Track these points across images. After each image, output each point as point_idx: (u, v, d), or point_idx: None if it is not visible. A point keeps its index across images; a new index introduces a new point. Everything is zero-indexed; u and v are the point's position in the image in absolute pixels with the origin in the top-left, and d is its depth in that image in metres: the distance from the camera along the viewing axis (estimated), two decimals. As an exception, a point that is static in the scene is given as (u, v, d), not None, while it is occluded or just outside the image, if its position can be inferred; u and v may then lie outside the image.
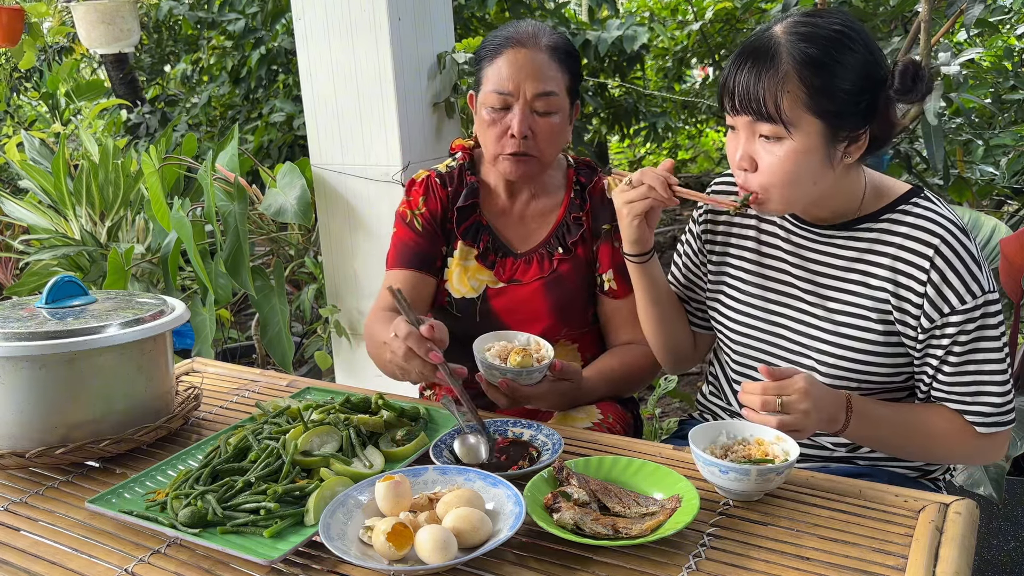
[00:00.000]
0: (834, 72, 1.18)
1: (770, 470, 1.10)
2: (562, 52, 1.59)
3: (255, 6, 4.47)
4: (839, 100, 1.19)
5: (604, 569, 1.01)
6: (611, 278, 1.66)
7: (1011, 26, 3.68)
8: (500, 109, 1.57)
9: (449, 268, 1.69)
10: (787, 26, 1.22)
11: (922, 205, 1.27)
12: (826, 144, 1.21)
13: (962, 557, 0.99)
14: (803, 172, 1.22)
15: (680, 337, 1.55)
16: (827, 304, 1.32)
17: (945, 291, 1.23)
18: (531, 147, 1.57)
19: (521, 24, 1.61)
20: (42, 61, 5.96)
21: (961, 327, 1.23)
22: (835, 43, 1.19)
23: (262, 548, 1.05)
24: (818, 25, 1.20)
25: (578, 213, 1.67)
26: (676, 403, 3.48)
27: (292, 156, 4.43)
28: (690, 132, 6.57)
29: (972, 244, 1.24)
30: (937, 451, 1.31)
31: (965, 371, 1.26)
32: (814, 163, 1.22)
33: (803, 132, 1.20)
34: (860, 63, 1.20)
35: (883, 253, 1.28)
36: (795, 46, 1.19)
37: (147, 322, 1.37)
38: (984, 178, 2.91)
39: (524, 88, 1.55)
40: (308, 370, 3.53)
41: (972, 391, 1.26)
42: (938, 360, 1.27)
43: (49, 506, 1.22)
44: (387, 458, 1.26)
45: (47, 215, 3.06)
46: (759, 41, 1.22)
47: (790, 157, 1.21)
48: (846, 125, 1.21)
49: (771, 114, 1.19)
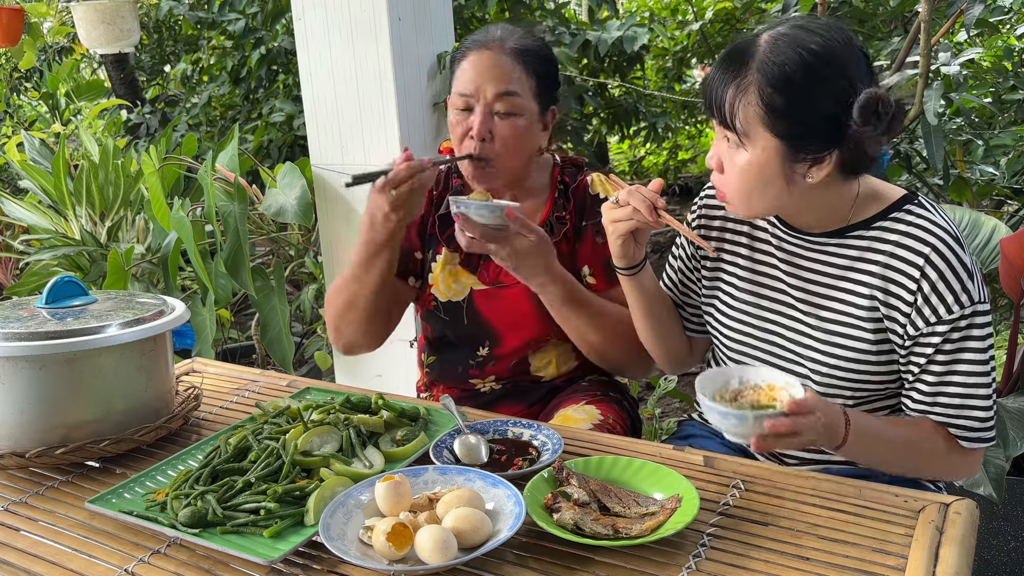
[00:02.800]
0: (796, 96, 1.15)
1: (768, 415, 1.09)
2: (529, 55, 1.57)
3: (255, 6, 4.47)
4: (797, 124, 1.16)
5: (604, 569, 1.01)
6: (589, 273, 1.66)
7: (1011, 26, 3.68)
8: (463, 111, 1.57)
9: (434, 272, 1.69)
10: (771, 36, 1.19)
11: (915, 212, 1.25)
12: (783, 162, 1.19)
13: (962, 557, 0.99)
14: (758, 185, 1.21)
15: (675, 342, 1.54)
16: (820, 312, 1.31)
17: (933, 300, 1.21)
18: (490, 149, 1.56)
19: (493, 27, 1.61)
20: (42, 61, 5.97)
21: (946, 336, 1.22)
22: (808, 66, 1.15)
23: (262, 548, 1.05)
24: (799, 42, 1.16)
25: (561, 212, 1.66)
26: (676, 403, 3.48)
27: (292, 156, 4.43)
28: (690, 132, 6.58)
29: (964, 253, 1.22)
30: (922, 466, 1.29)
31: (948, 381, 1.24)
32: (769, 178, 1.20)
33: (758, 147, 1.18)
34: (830, 91, 1.15)
35: (874, 261, 1.26)
36: (767, 60, 1.16)
37: (147, 322, 1.37)
38: (984, 178, 2.91)
39: (484, 89, 1.54)
40: (308, 370, 3.53)
41: (956, 403, 1.24)
42: (919, 368, 1.25)
43: (49, 506, 1.22)
44: (387, 458, 1.26)
45: (47, 215, 3.06)
46: (740, 46, 1.20)
47: (745, 168, 1.21)
48: (806, 147, 1.18)
49: (730, 123, 1.19)
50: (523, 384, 1.71)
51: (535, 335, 1.64)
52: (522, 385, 1.71)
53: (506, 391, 1.71)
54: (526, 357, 1.68)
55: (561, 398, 1.69)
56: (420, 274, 1.72)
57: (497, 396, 1.71)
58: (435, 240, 1.70)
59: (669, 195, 6.82)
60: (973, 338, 1.22)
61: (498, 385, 1.71)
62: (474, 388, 1.72)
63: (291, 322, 2.85)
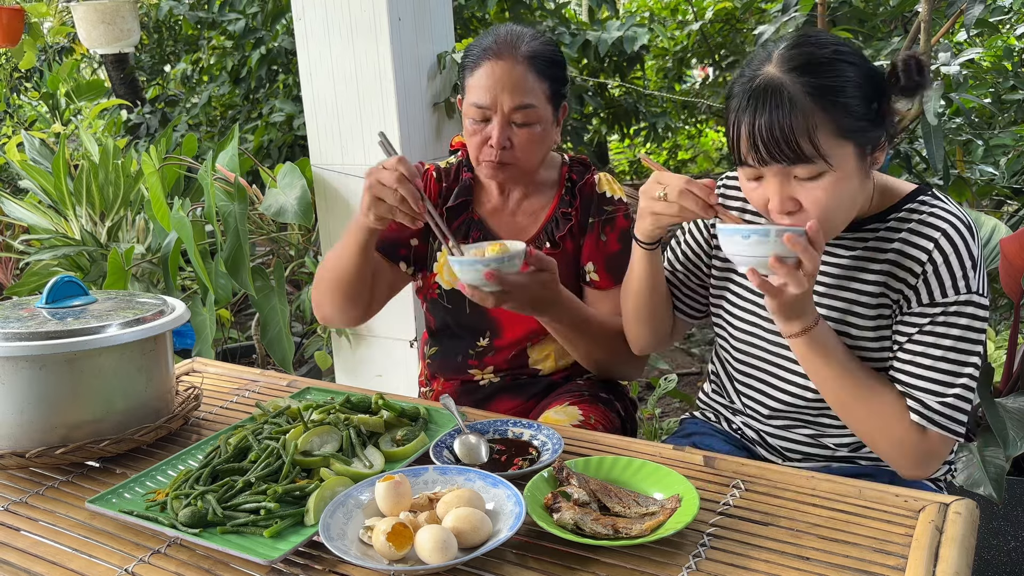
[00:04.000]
0: (848, 92, 1.17)
1: (787, 230, 1.13)
2: (542, 60, 1.58)
3: (255, 6, 4.47)
4: (860, 116, 1.18)
5: (604, 569, 1.01)
6: (593, 270, 1.67)
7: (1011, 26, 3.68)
8: (480, 121, 1.58)
9: (439, 261, 1.71)
10: (780, 62, 1.19)
11: (928, 203, 1.27)
12: (860, 162, 1.20)
13: (962, 557, 0.99)
14: (847, 197, 1.21)
15: (663, 322, 1.53)
16: (834, 303, 1.32)
17: (932, 282, 1.23)
18: (510, 156, 1.58)
19: (501, 31, 1.60)
20: (42, 61, 5.97)
21: (933, 318, 1.23)
22: (836, 63, 1.18)
23: (262, 548, 1.05)
24: (812, 53, 1.19)
25: (567, 208, 1.68)
26: (676, 403, 3.48)
27: (292, 156, 4.44)
28: (690, 132, 6.58)
29: (974, 243, 1.24)
30: (873, 422, 1.27)
31: (921, 362, 1.24)
32: (854, 184, 1.21)
33: (840, 159, 1.18)
34: (863, 74, 1.19)
35: (887, 249, 1.28)
36: (803, 80, 1.16)
37: (147, 322, 1.37)
38: (984, 178, 2.91)
39: (501, 102, 1.55)
40: (308, 370, 3.53)
41: (923, 384, 1.24)
42: (901, 342, 1.26)
43: (49, 506, 1.22)
44: (387, 458, 1.26)
45: (47, 215, 3.06)
46: (762, 86, 1.18)
47: (835, 187, 1.19)
48: (871, 138, 1.21)
49: (808, 154, 1.16)
50: (521, 378, 1.73)
51: (534, 326, 1.66)
52: (520, 379, 1.73)
53: (504, 384, 1.73)
54: (525, 349, 1.71)
55: (551, 398, 1.71)
56: (413, 261, 1.72)
57: (495, 390, 1.73)
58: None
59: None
60: (959, 326, 1.22)
61: (496, 378, 1.73)
62: (473, 380, 1.74)
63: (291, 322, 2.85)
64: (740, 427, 1.51)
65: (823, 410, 1.38)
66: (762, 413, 1.44)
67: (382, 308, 1.74)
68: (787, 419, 1.42)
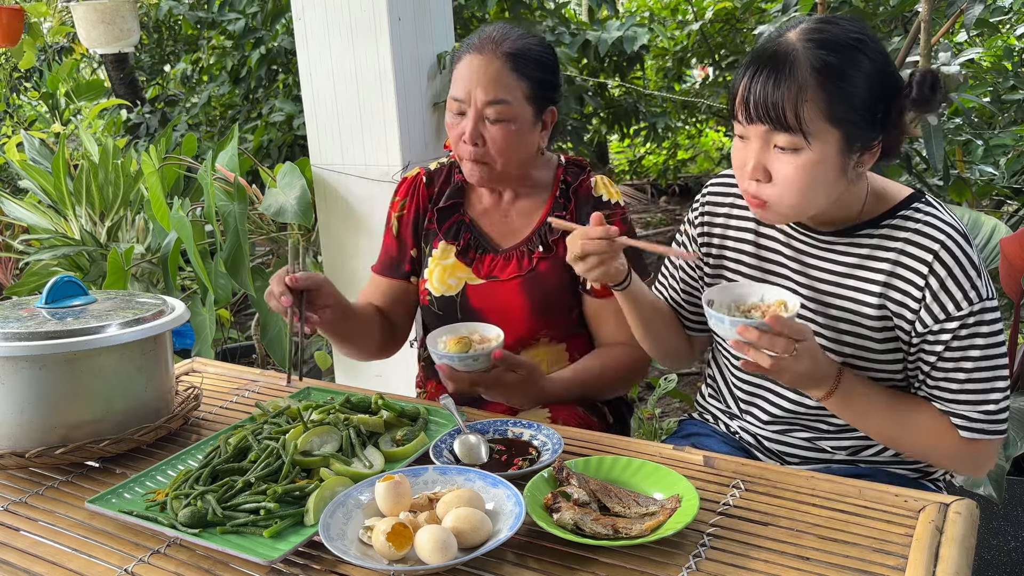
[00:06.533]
0: (854, 81, 1.16)
1: (745, 321, 1.15)
2: (524, 59, 1.57)
3: (255, 6, 4.47)
4: (858, 109, 1.17)
5: (604, 569, 1.01)
6: None
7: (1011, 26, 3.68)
8: (457, 114, 1.59)
9: (429, 267, 1.70)
10: (802, 32, 1.19)
11: (923, 210, 1.26)
12: (841, 154, 1.19)
13: (962, 557, 0.99)
14: (817, 183, 1.20)
15: (673, 343, 1.53)
16: (828, 311, 1.31)
17: (942, 297, 1.22)
18: (483, 154, 1.58)
19: (490, 28, 1.60)
20: (42, 61, 5.97)
21: (955, 333, 1.22)
22: (854, 51, 1.17)
23: (262, 548, 1.05)
24: (835, 33, 1.18)
25: (561, 212, 1.66)
26: (676, 403, 3.48)
27: (292, 156, 4.43)
28: (690, 132, 6.58)
29: (972, 250, 1.23)
30: (922, 445, 1.29)
31: (954, 378, 1.24)
32: (828, 174, 1.20)
33: (821, 142, 1.17)
34: (878, 72, 1.18)
35: (883, 259, 1.27)
36: (814, 53, 1.16)
37: (147, 322, 1.37)
38: (984, 178, 2.91)
39: (475, 96, 1.55)
40: (308, 370, 3.53)
41: (962, 397, 1.24)
42: (929, 366, 1.26)
43: (49, 506, 1.22)
44: (387, 458, 1.26)
45: (47, 215, 3.06)
46: (774, 48, 1.19)
47: (806, 168, 1.18)
48: (862, 135, 1.19)
49: (790, 124, 1.16)
50: None
51: (524, 333, 1.65)
52: None
53: None
54: (517, 353, 1.68)
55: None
56: (418, 271, 1.73)
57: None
58: (432, 234, 1.70)
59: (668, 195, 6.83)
60: (981, 334, 1.23)
61: None
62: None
63: (291, 322, 2.84)
64: (738, 431, 1.50)
65: (822, 416, 1.38)
66: (761, 419, 1.44)
67: (412, 327, 1.79)
68: (785, 424, 1.42)
